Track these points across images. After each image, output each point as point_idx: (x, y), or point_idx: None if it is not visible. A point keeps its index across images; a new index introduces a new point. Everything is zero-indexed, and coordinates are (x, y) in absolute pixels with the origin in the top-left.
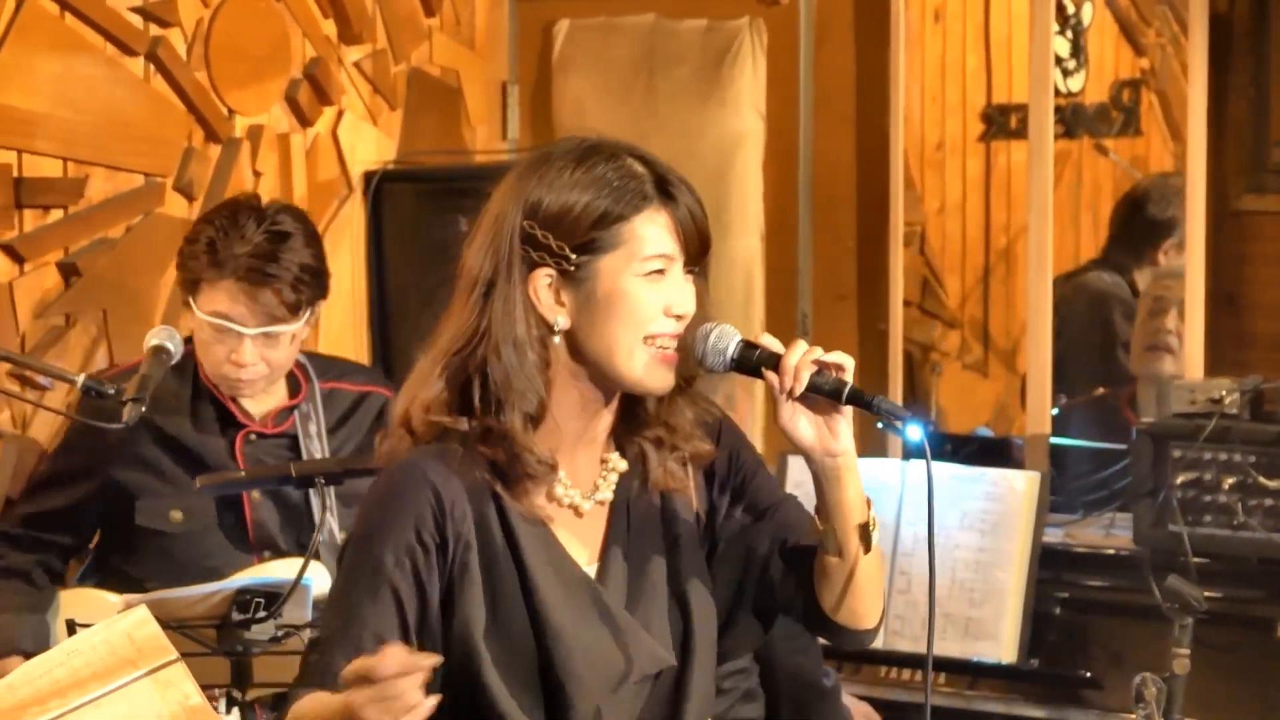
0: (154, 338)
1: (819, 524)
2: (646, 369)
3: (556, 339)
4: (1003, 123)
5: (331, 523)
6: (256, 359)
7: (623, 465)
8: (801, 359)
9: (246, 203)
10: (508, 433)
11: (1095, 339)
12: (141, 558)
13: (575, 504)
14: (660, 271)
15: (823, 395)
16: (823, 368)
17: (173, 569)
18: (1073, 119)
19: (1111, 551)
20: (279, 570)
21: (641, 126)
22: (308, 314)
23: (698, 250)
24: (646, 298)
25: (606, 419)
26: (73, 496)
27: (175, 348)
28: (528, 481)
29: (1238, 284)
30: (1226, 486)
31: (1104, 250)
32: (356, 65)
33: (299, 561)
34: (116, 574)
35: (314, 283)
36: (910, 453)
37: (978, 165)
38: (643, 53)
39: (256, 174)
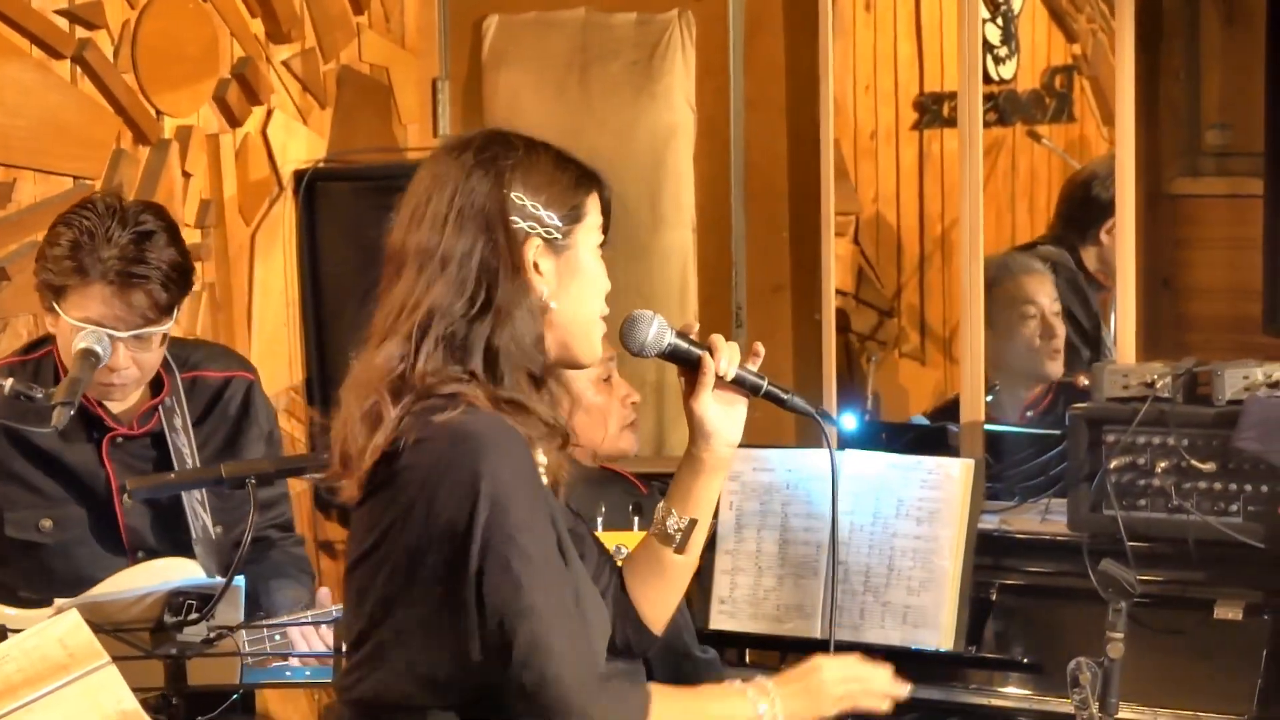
0: (81, 341)
1: (678, 518)
2: (597, 349)
3: (550, 307)
4: (936, 111)
5: (206, 519)
6: (129, 363)
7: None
8: (729, 347)
9: (105, 202)
10: (516, 397)
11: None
12: (13, 567)
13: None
14: (601, 247)
15: (744, 387)
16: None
17: (46, 577)
18: (1006, 106)
19: (1048, 537)
20: (163, 569)
21: (574, 121)
22: (176, 312)
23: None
24: (602, 273)
25: None
26: None
27: (104, 351)
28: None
29: (1174, 267)
30: (1161, 470)
31: (1051, 228)
32: (286, 64)
33: (180, 561)
34: None
35: (182, 280)
36: (845, 443)
37: (912, 154)
38: (575, 47)
39: (186, 175)
